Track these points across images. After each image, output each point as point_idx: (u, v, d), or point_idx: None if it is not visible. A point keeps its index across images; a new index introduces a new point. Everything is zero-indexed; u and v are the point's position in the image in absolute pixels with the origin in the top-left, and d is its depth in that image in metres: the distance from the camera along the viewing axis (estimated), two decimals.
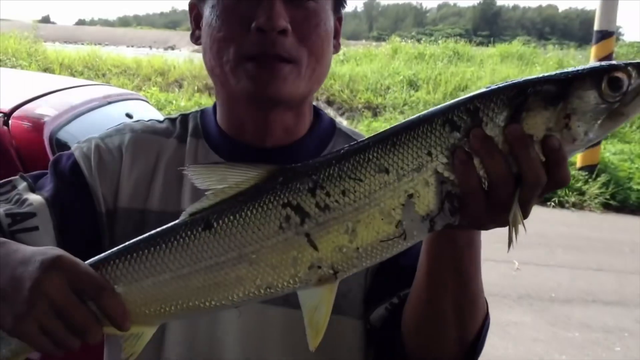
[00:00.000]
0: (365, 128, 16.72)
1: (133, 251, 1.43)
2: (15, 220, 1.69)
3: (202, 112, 1.93)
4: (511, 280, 8.89)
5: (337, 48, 1.85)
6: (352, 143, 1.39)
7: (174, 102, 18.39)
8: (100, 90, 5.44)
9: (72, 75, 19.85)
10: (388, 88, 20.30)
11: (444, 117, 1.33)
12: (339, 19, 1.84)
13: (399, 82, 20.57)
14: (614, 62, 1.37)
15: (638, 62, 1.37)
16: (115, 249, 1.46)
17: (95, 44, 26.41)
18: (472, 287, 1.57)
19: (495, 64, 22.99)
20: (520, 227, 1.33)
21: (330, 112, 17.37)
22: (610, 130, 1.37)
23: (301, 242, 1.35)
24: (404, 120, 1.41)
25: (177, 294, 1.40)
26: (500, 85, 1.35)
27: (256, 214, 1.36)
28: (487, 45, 28.59)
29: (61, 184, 1.77)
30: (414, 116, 1.40)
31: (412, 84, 20.65)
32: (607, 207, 13.35)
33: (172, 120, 1.91)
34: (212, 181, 1.41)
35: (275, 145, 1.79)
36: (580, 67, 1.37)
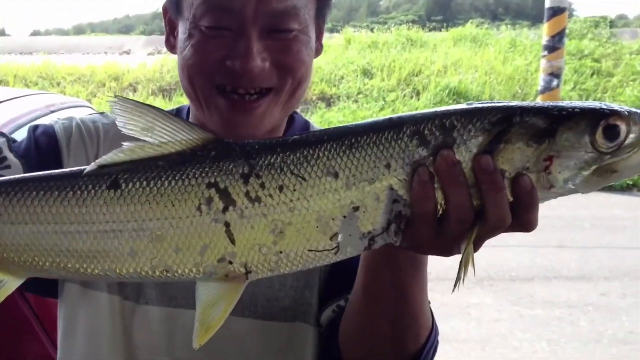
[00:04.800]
0: (319, 119, 16.65)
1: (19, 188, 1.26)
2: None
3: (177, 110, 1.88)
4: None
5: (318, 51, 1.75)
6: (305, 132, 1.28)
7: None
8: (42, 100, 5.32)
9: (27, 85, 19.61)
10: (342, 78, 20.23)
11: (414, 128, 1.21)
12: (324, 17, 1.73)
13: (352, 71, 20.51)
14: (616, 106, 1.22)
15: None
16: (1, 178, 1.31)
17: (51, 54, 26.16)
18: (414, 304, 1.48)
19: (448, 48, 22.99)
20: (470, 267, 1.22)
21: None
22: (596, 187, 1.23)
23: (217, 231, 1.20)
24: (368, 120, 1.27)
25: (57, 251, 1.24)
26: (485, 105, 1.22)
27: (174, 186, 1.21)
28: (441, 30, 28.53)
29: (35, 149, 1.73)
30: (381, 118, 1.27)
31: (366, 73, 20.60)
32: None
33: None
34: (136, 126, 1.25)
35: None
36: (577, 103, 1.23)
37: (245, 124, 1.60)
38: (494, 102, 1.24)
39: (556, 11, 14.32)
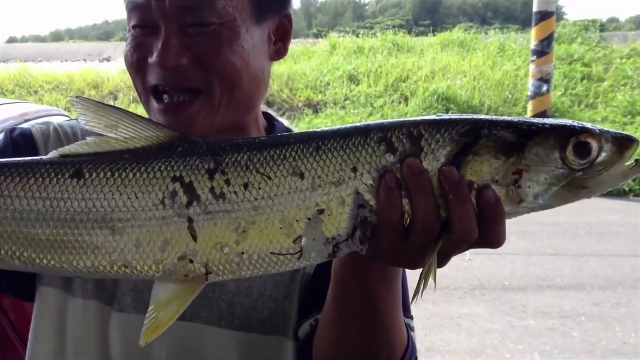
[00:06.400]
0: (306, 126, 16.71)
1: None
2: None
3: None
4: (463, 272, 8.81)
5: (280, 53, 1.68)
6: (272, 135, 1.30)
7: None
8: (16, 109, 5.29)
9: (3, 94, 19.53)
10: (328, 84, 20.35)
11: (382, 134, 1.20)
12: (287, 17, 1.67)
13: (338, 77, 20.66)
14: (587, 124, 1.22)
15: (615, 132, 1.20)
16: None
17: (28, 61, 26.07)
18: (386, 318, 1.44)
19: (436, 53, 22.99)
20: (430, 280, 1.18)
21: (270, 112, 17.26)
22: (566, 201, 1.22)
23: (179, 226, 1.19)
24: (335, 127, 1.26)
25: (13, 238, 1.21)
26: (454, 117, 1.22)
27: (138, 178, 1.20)
28: (428, 35, 28.51)
29: (12, 150, 1.70)
30: (349, 125, 1.27)
31: (353, 79, 20.70)
32: None
33: None
34: (99, 124, 1.24)
35: None
36: (549, 120, 1.22)
37: (182, 124, 1.54)
38: (462, 115, 1.23)
39: (544, 15, 14.28)
